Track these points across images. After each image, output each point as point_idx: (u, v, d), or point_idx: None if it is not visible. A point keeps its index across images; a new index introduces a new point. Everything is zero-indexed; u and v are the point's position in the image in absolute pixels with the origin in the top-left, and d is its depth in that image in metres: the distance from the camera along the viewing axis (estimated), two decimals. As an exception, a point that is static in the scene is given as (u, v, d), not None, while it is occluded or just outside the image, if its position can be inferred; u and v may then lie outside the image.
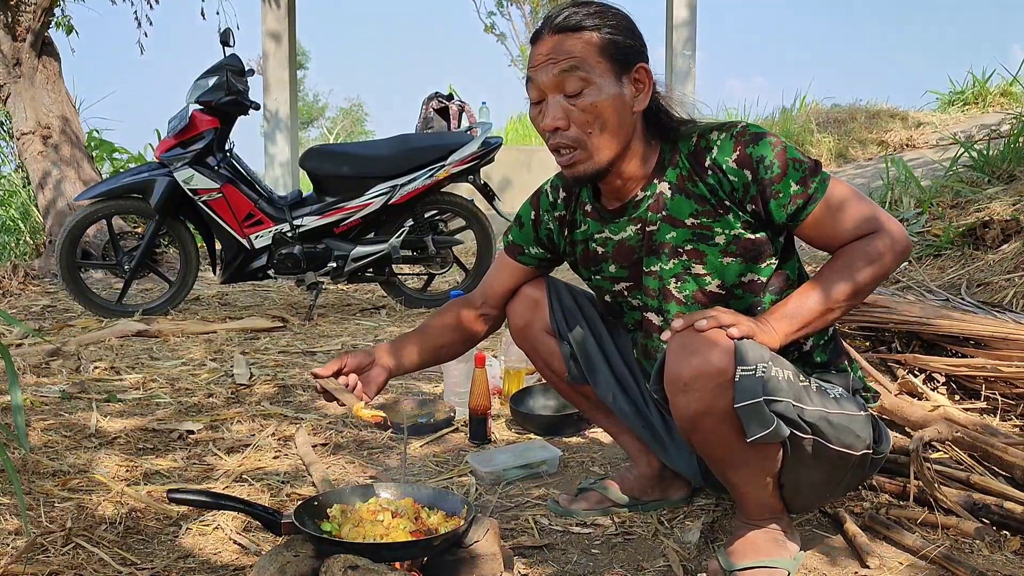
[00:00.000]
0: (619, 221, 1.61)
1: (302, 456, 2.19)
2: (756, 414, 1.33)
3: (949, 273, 3.44)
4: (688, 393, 1.36)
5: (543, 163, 8.08)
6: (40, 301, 4.81)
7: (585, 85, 1.46)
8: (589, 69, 1.46)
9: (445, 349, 1.82)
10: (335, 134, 17.26)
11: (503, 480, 2.04)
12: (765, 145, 1.45)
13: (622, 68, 1.48)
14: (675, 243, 1.53)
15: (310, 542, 1.42)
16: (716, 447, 1.43)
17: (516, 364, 2.64)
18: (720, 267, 1.51)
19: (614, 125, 1.48)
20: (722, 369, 1.33)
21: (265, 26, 8.14)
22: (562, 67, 1.46)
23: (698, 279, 1.53)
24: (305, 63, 30.06)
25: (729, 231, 1.49)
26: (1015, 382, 2.30)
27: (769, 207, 1.46)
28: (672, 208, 1.53)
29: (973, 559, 1.57)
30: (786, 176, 1.44)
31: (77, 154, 5.77)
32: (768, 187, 1.44)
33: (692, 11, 7.88)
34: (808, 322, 1.43)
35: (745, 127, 1.48)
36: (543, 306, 1.80)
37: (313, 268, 4.21)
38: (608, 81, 1.47)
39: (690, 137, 1.53)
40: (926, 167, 5.85)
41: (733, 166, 1.46)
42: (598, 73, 1.46)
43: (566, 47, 1.47)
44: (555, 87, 1.48)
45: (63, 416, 2.55)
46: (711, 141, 1.49)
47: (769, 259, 1.52)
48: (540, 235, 1.76)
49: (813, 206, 1.44)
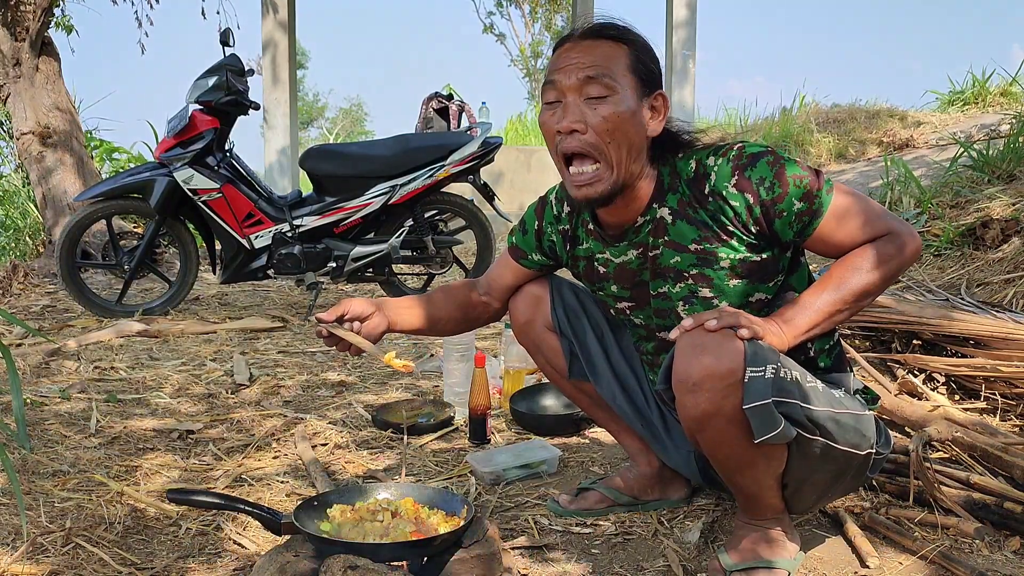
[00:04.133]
0: (619, 245, 1.61)
1: (302, 456, 2.19)
2: (765, 415, 1.33)
3: (949, 273, 3.44)
4: (697, 393, 1.35)
5: (543, 163, 8.08)
6: (40, 301, 4.81)
7: (610, 93, 1.45)
8: (617, 79, 1.45)
9: (444, 323, 1.82)
10: (335, 134, 17.25)
11: (503, 480, 2.04)
12: (763, 166, 1.44)
13: (644, 89, 1.48)
14: (680, 267, 1.53)
15: (310, 542, 1.42)
16: (723, 448, 1.42)
17: (516, 364, 2.64)
18: (727, 289, 1.51)
19: (630, 142, 1.47)
20: (732, 369, 1.33)
21: (265, 26, 8.14)
22: (591, 72, 1.45)
23: (705, 302, 1.53)
24: (305, 63, 30.06)
25: (734, 255, 1.49)
26: (1015, 382, 2.30)
27: (775, 227, 1.45)
28: (674, 234, 1.53)
29: (973, 559, 1.57)
30: (788, 195, 1.43)
31: (77, 154, 5.77)
32: (771, 208, 1.44)
33: (692, 11, 7.88)
34: (817, 323, 1.43)
35: (741, 148, 1.47)
36: (545, 303, 1.80)
37: (313, 268, 4.21)
38: (631, 97, 1.46)
39: (688, 162, 1.52)
40: (926, 167, 5.85)
41: (733, 191, 1.45)
42: (623, 85, 1.46)
43: (598, 52, 1.47)
44: (578, 90, 1.46)
45: (63, 416, 2.55)
46: (708, 168, 1.48)
47: (775, 277, 1.53)
48: (543, 245, 1.76)
49: (819, 220, 1.44)
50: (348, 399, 2.76)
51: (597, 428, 2.41)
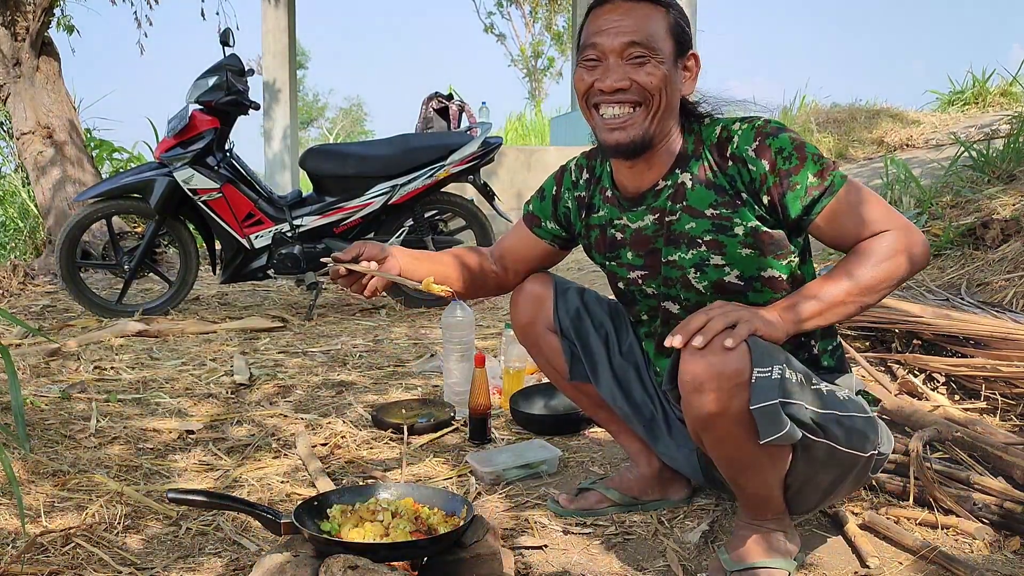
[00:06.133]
0: (637, 210, 1.61)
1: (302, 456, 2.19)
2: (771, 416, 1.32)
3: (949, 273, 3.44)
4: (703, 393, 1.35)
5: (543, 163, 8.09)
6: (40, 301, 4.81)
7: (652, 57, 1.48)
8: (658, 44, 1.48)
9: (451, 281, 1.81)
10: (335, 134, 17.26)
11: (503, 480, 2.04)
12: (784, 139, 1.46)
13: (680, 51, 1.52)
14: (694, 233, 1.53)
15: (310, 542, 1.42)
16: (728, 448, 1.42)
17: (516, 364, 2.64)
18: (739, 258, 1.51)
19: (667, 102, 1.51)
20: (739, 370, 1.32)
21: (265, 26, 8.15)
22: (635, 37, 1.47)
23: (717, 269, 1.53)
24: (305, 63, 30.07)
25: (747, 223, 1.49)
26: (1015, 382, 2.30)
27: (785, 199, 1.45)
28: (692, 199, 1.53)
29: (973, 559, 1.57)
30: (804, 168, 1.44)
31: (77, 154, 5.77)
32: (785, 178, 1.44)
33: (692, 10, 7.89)
34: (818, 312, 1.41)
35: (767, 120, 1.50)
36: (548, 304, 1.80)
37: (313, 268, 4.21)
38: (669, 59, 1.50)
39: (714, 128, 1.54)
40: (926, 167, 5.85)
41: (752, 155, 1.47)
42: (663, 48, 1.49)
43: (638, 14, 1.49)
44: (620, 52, 1.49)
45: (63, 416, 2.55)
46: (732, 131, 1.50)
47: (789, 256, 1.52)
48: (558, 212, 1.77)
49: (829, 199, 1.44)
50: (348, 399, 2.77)
51: (597, 428, 2.41)
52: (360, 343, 3.65)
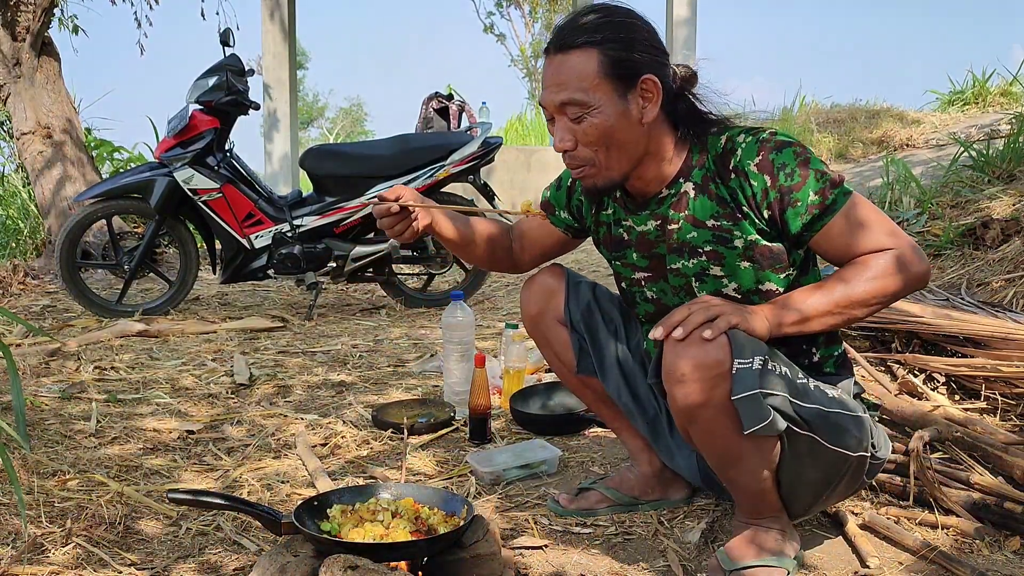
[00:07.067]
0: (641, 214, 1.62)
1: (302, 456, 2.19)
2: (753, 406, 1.34)
3: (949, 273, 3.44)
4: (685, 384, 1.37)
5: (543, 163, 8.09)
6: (40, 301, 4.81)
7: (586, 111, 1.46)
8: (588, 95, 1.45)
9: (472, 247, 1.83)
10: (335, 134, 17.26)
11: (503, 480, 2.04)
12: (789, 154, 1.45)
13: (626, 85, 1.46)
14: (695, 243, 1.53)
15: (310, 542, 1.42)
16: (713, 440, 1.43)
17: (516, 364, 2.64)
18: (737, 271, 1.51)
19: (621, 142, 1.49)
20: (719, 360, 1.34)
21: (265, 26, 8.14)
22: (563, 97, 1.47)
23: (716, 280, 1.53)
24: (305, 63, 30.06)
25: (746, 236, 1.49)
26: (1015, 382, 2.30)
27: (786, 215, 1.45)
28: (694, 209, 1.53)
29: (973, 559, 1.57)
30: (806, 185, 1.43)
31: (77, 154, 5.76)
32: (787, 194, 1.44)
33: (692, 10, 7.88)
34: (806, 318, 1.42)
35: (773, 133, 1.48)
36: (559, 296, 1.81)
37: (313, 268, 4.21)
38: (610, 101, 1.46)
39: (719, 138, 1.53)
40: (926, 167, 5.85)
41: (754, 170, 1.46)
42: (598, 97, 1.45)
43: (565, 70, 1.47)
44: (560, 111, 1.49)
45: (63, 416, 2.55)
46: (736, 144, 1.49)
47: (787, 270, 1.51)
48: (572, 203, 1.78)
49: (830, 217, 1.43)
50: (348, 399, 2.77)
51: (597, 428, 2.41)
52: (360, 343, 3.65)
